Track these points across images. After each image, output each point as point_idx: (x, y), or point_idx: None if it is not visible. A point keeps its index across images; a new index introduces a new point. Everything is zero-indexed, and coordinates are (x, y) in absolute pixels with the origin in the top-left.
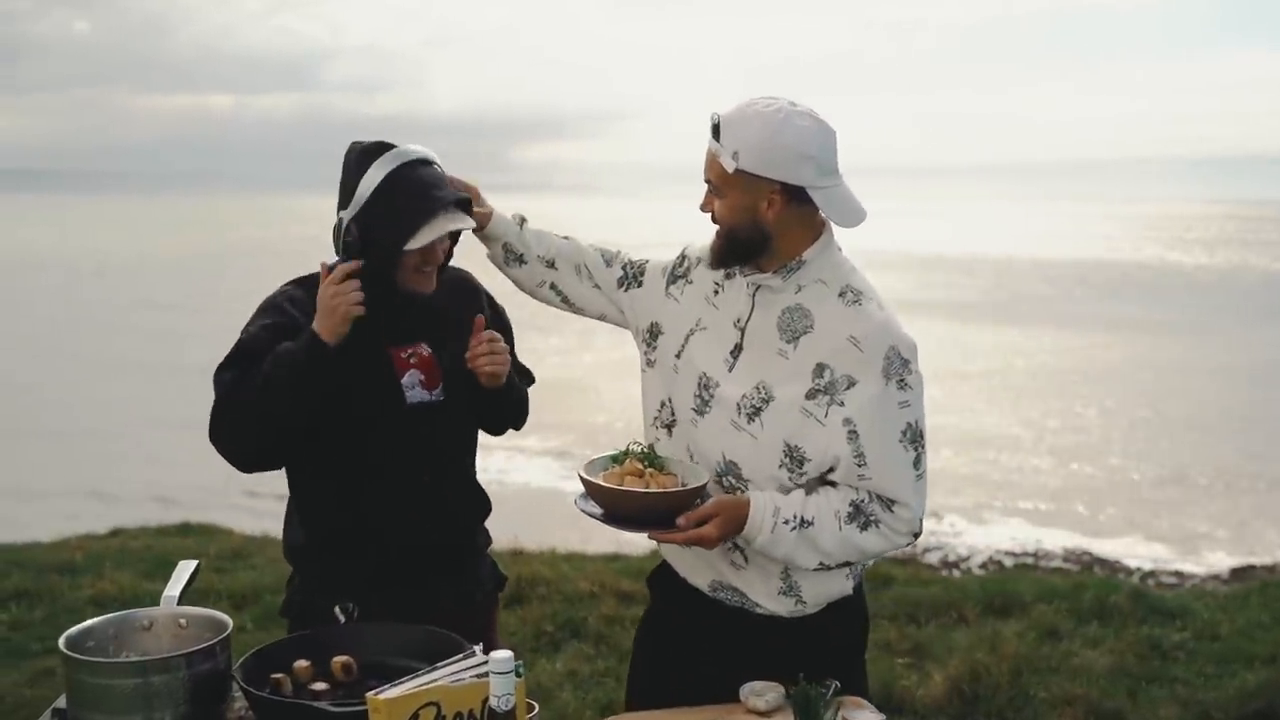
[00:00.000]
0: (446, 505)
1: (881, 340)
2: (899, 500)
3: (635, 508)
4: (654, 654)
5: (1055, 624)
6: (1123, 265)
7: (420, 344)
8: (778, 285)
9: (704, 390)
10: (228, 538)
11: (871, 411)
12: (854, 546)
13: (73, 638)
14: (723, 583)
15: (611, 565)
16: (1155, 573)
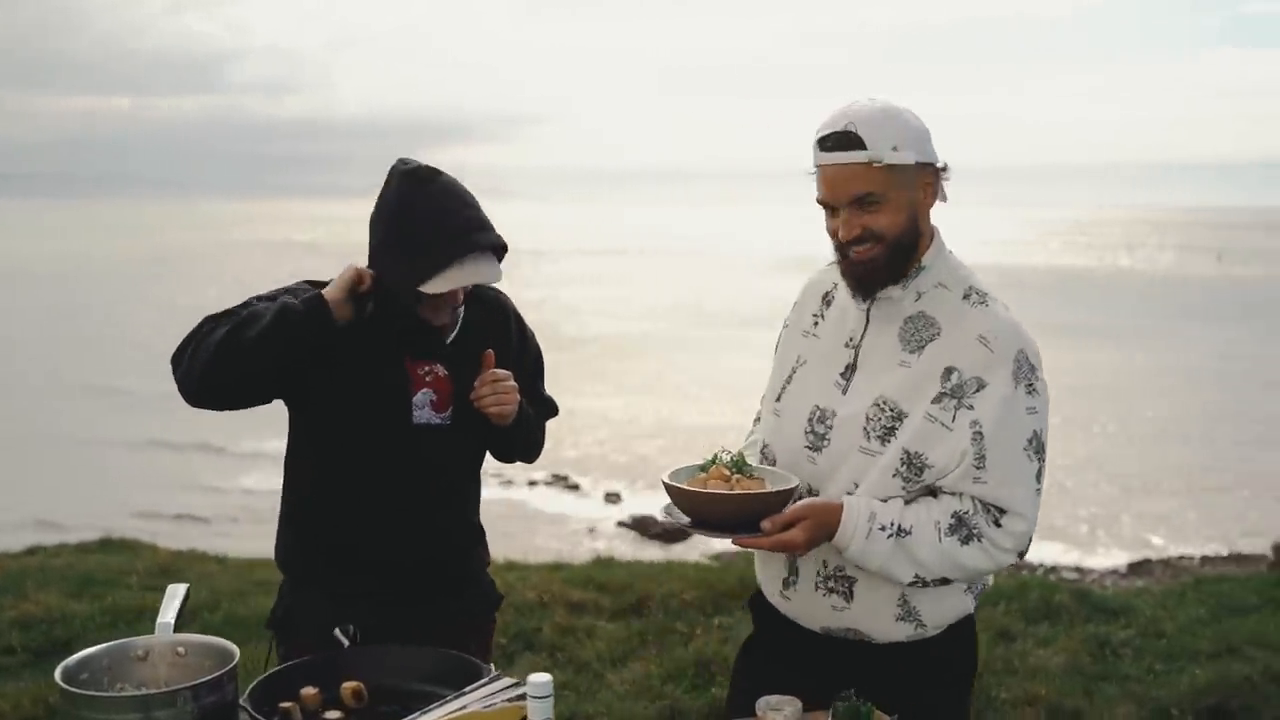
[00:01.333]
0: (441, 529)
1: (1012, 341)
2: (1013, 510)
3: (719, 511)
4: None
5: (1006, 625)
6: (1043, 269)
7: (438, 363)
8: (898, 295)
9: (818, 424)
10: (153, 554)
11: (1000, 414)
12: (952, 561)
13: (69, 670)
14: (835, 628)
15: (556, 574)
16: (1058, 568)
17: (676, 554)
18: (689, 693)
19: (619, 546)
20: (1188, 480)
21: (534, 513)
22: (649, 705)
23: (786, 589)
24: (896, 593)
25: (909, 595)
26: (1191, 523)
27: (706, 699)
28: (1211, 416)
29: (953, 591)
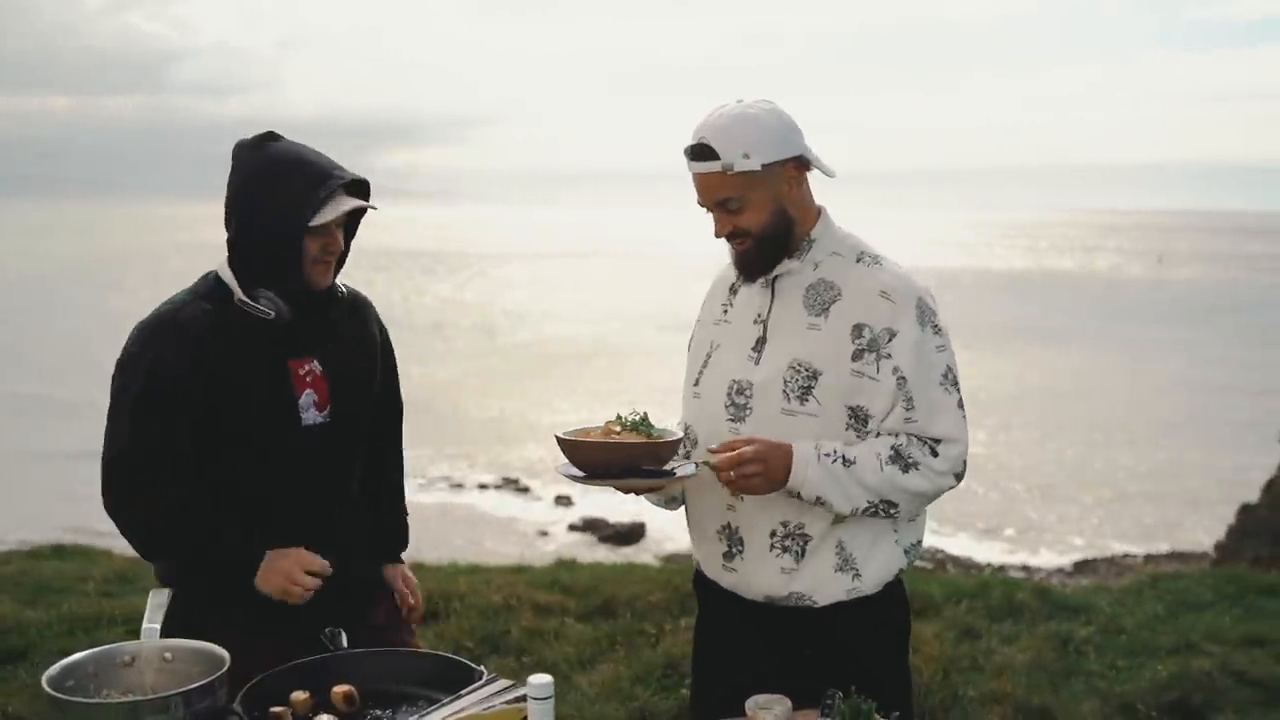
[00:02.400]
0: (340, 528)
1: (910, 291)
2: (946, 438)
3: (602, 458)
4: (711, 662)
5: (970, 623)
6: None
7: (313, 359)
8: (796, 267)
9: (737, 396)
10: (108, 560)
11: (914, 356)
12: (898, 487)
13: (53, 677)
14: (777, 594)
15: (520, 576)
16: (1005, 567)
17: (628, 555)
18: (658, 694)
19: (572, 549)
20: (1122, 480)
21: (484, 516)
22: (619, 707)
23: (730, 560)
24: (834, 542)
25: (844, 542)
26: (1128, 522)
27: (676, 699)
28: (1146, 418)
29: (885, 541)
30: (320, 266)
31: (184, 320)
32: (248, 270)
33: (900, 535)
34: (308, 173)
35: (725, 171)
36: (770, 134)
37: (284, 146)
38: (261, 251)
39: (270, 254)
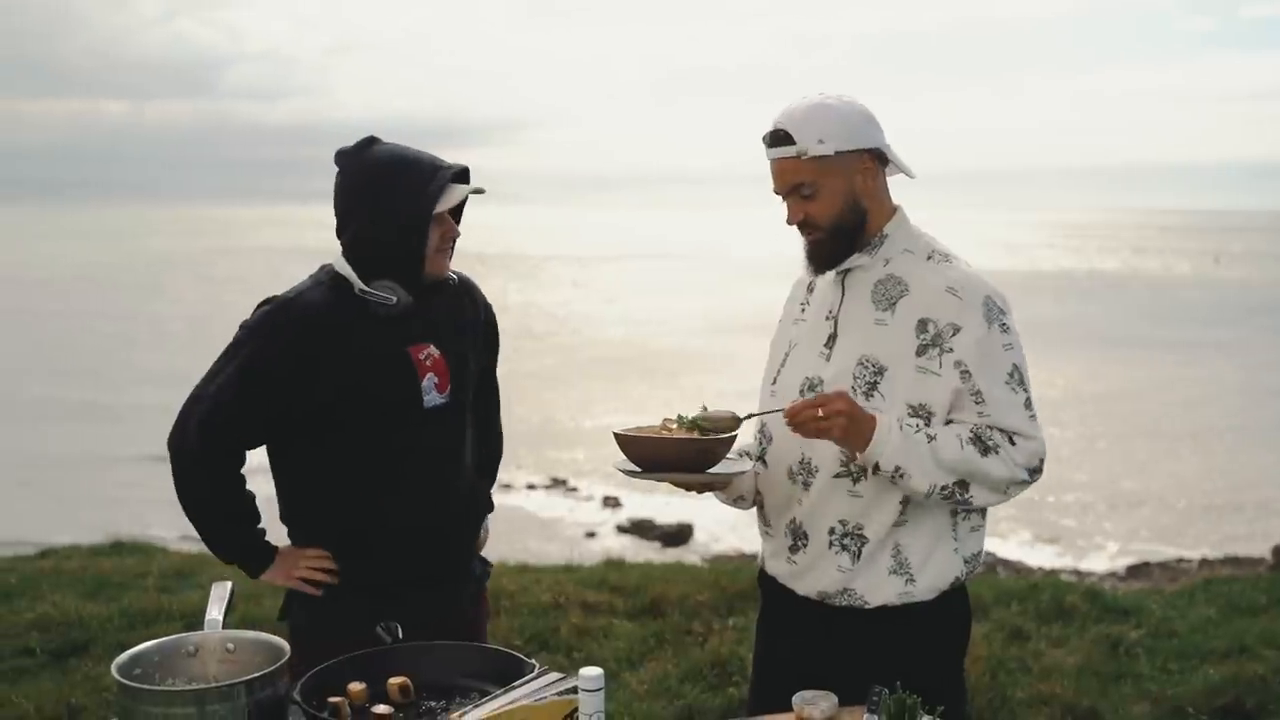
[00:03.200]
0: (459, 505)
1: (978, 289)
2: (1020, 433)
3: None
4: (769, 657)
5: (1020, 625)
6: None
7: (430, 344)
8: (866, 263)
9: (808, 392)
10: (165, 556)
11: (979, 352)
12: (976, 466)
13: (122, 665)
14: (830, 591)
15: (569, 575)
16: (1057, 570)
17: (674, 556)
18: (706, 693)
19: (620, 550)
20: (1180, 486)
21: (531, 516)
22: (667, 705)
23: (793, 554)
24: (892, 544)
25: (902, 545)
26: (1185, 528)
27: (723, 698)
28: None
29: (944, 548)
30: (440, 255)
31: (305, 307)
32: (369, 263)
33: (960, 544)
34: (421, 166)
35: (799, 156)
36: (846, 123)
37: (390, 147)
38: (388, 243)
39: (397, 245)
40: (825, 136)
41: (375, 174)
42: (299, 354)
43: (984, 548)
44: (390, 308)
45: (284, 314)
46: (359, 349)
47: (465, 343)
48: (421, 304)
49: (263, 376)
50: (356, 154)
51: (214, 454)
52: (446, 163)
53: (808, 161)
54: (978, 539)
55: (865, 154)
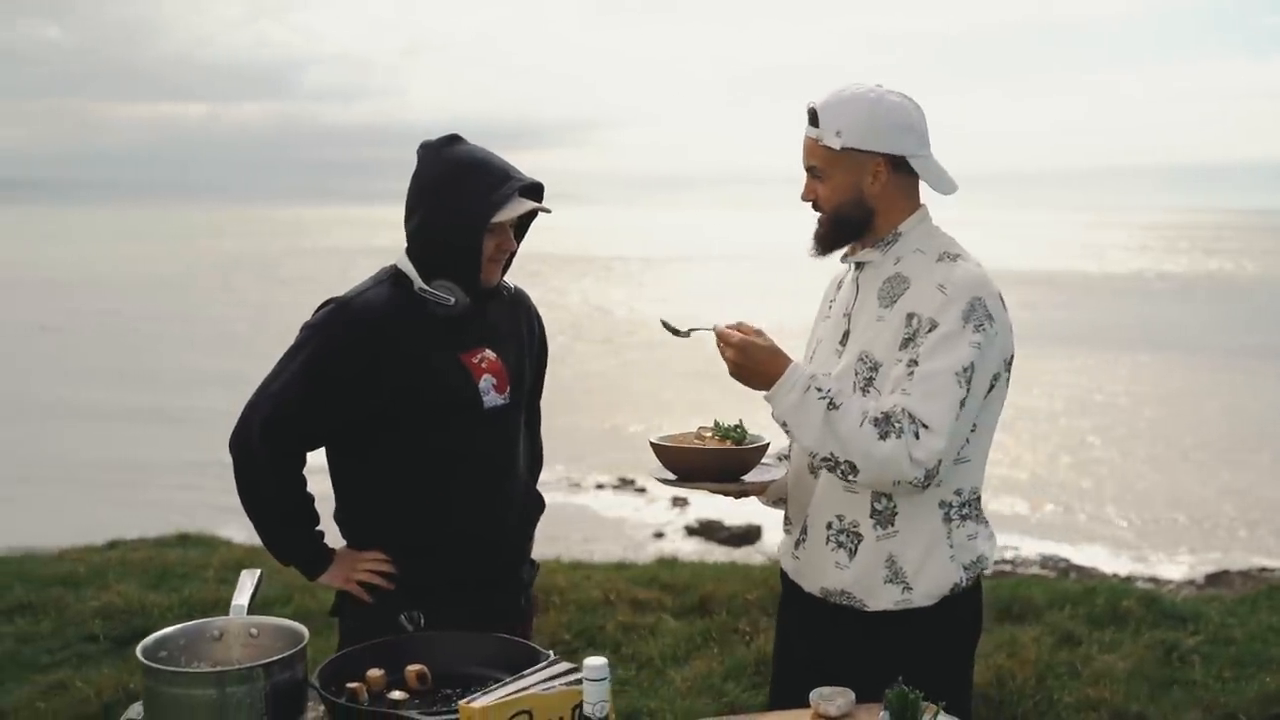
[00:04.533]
0: (515, 508)
1: (968, 288)
2: (931, 426)
3: (691, 463)
4: (785, 653)
5: (1071, 629)
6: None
7: (486, 348)
8: (877, 259)
9: None
10: (228, 549)
11: (941, 341)
12: (863, 448)
13: (147, 648)
14: (832, 589)
15: (621, 573)
16: (1132, 577)
17: (742, 557)
18: (748, 691)
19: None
20: (1257, 493)
21: (598, 516)
22: (709, 702)
23: (798, 549)
24: (885, 553)
25: (895, 555)
26: (1266, 535)
27: (765, 697)
28: None
29: (939, 557)
30: (492, 264)
31: (365, 307)
32: (428, 262)
33: (957, 552)
34: (489, 174)
35: (817, 140)
36: (870, 123)
37: (467, 148)
38: (443, 245)
39: (451, 247)
40: (843, 130)
41: (446, 171)
42: (360, 354)
43: (987, 554)
44: (449, 309)
45: (344, 314)
46: (417, 350)
47: (520, 350)
48: (478, 309)
49: (325, 376)
50: (436, 149)
51: (276, 455)
52: (522, 175)
53: (822, 147)
54: (977, 545)
55: (880, 158)
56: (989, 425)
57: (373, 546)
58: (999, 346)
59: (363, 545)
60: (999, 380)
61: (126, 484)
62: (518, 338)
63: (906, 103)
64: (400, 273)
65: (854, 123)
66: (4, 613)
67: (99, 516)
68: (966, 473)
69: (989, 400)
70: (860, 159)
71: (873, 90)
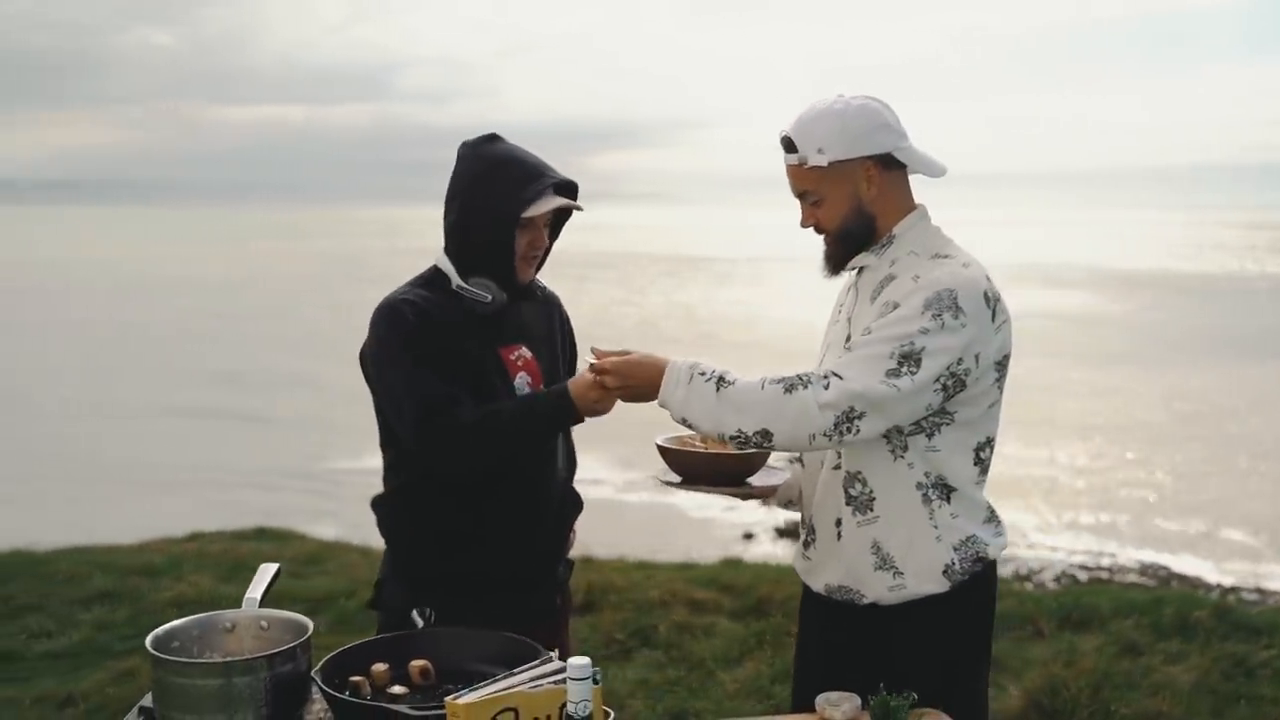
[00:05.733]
0: (553, 506)
1: (938, 280)
2: (846, 377)
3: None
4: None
5: (1135, 639)
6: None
7: (520, 346)
8: (874, 263)
9: None
10: (302, 543)
11: (888, 320)
12: (768, 407)
13: (159, 638)
14: (832, 584)
15: (683, 574)
16: (1236, 589)
17: None
18: None
19: (779, 552)
20: None
21: (686, 517)
22: (756, 704)
23: (807, 549)
24: (869, 540)
25: (880, 541)
26: None
27: None
28: None
29: (924, 538)
30: (525, 262)
31: (408, 304)
32: (464, 258)
33: (943, 532)
34: (522, 170)
35: (801, 165)
36: (848, 131)
37: (504, 146)
38: (477, 241)
39: (484, 243)
40: (824, 146)
41: (481, 168)
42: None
43: (978, 534)
44: (485, 306)
45: (392, 311)
46: (455, 346)
47: (552, 349)
48: (513, 306)
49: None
50: (474, 146)
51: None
52: (555, 173)
53: (809, 170)
54: (963, 524)
55: (868, 161)
56: (970, 420)
57: (409, 537)
58: (963, 339)
59: (399, 534)
60: (971, 376)
61: (211, 483)
62: (550, 338)
63: (872, 103)
64: (439, 271)
65: (832, 136)
66: (84, 601)
67: (181, 512)
68: (938, 461)
69: (967, 396)
70: (850, 168)
71: (837, 101)
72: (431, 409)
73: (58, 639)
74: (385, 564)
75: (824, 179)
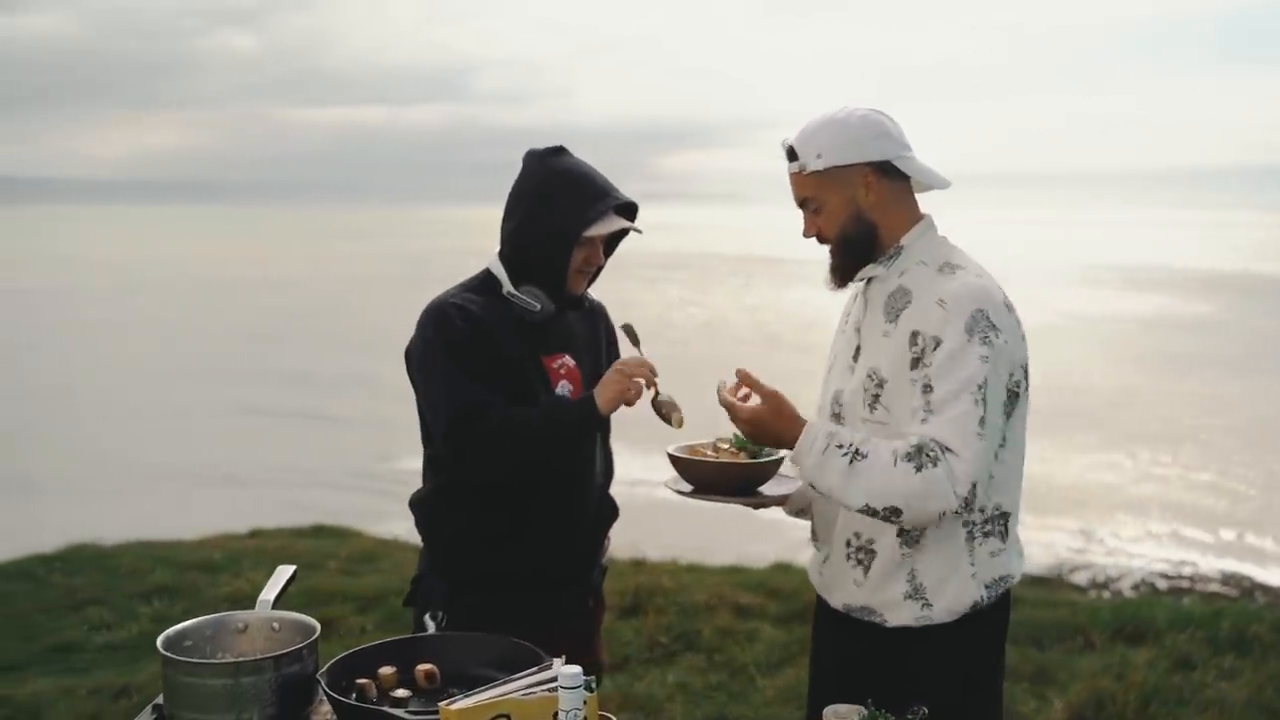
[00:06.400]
0: (590, 509)
1: (969, 301)
2: (954, 449)
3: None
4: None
5: (1189, 652)
6: None
7: (564, 355)
8: (882, 274)
9: (835, 406)
10: (358, 540)
11: (946, 362)
12: (901, 487)
13: (170, 638)
14: (853, 605)
15: (732, 577)
16: None
17: None
18: None
19: None
20: None
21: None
22: (795, 712)
23: (823, 564)
24: (906, 569)
25: (916, 570)
26: None
27: None
28: None
29: (960, 574)
30: (579, 276)
31: (456, 308)
32: (517, 266)
33: (978, 569)
34: (587, 189)
35: (801, 172)
36: (844, 137)
37: (570, 161)
38: (534, 252)
39: (541, 256)
40: (822, 151)
41: (546, 181)
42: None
43: (1012, 572)
44: (534, 314)
45: (440, 314)
46: (499, 352)
47: (596, 359)
48: (560, 315)
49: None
50: (540, 158)
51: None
52: (619, 193)
53: (808, 177)
54: (1000, 564)
55: (866, 168)
56: (1017, 440)
57: (447, 536)
58: (1008, 355)
59: (436, 532)
60: (1020, 389)
61: (276, 482)
62: (594, 347)
63: (874, 113)
64: (491, 275)
65: (830, 142)
66: (143, 595)
67: (245, 509)
68: (993, 489)
69: (1013, 413)
70: (847, 174)
71: (840, 110)
72: (465, 413)
73: (117, 631)
74: (423, 561)
75: (822, 185)
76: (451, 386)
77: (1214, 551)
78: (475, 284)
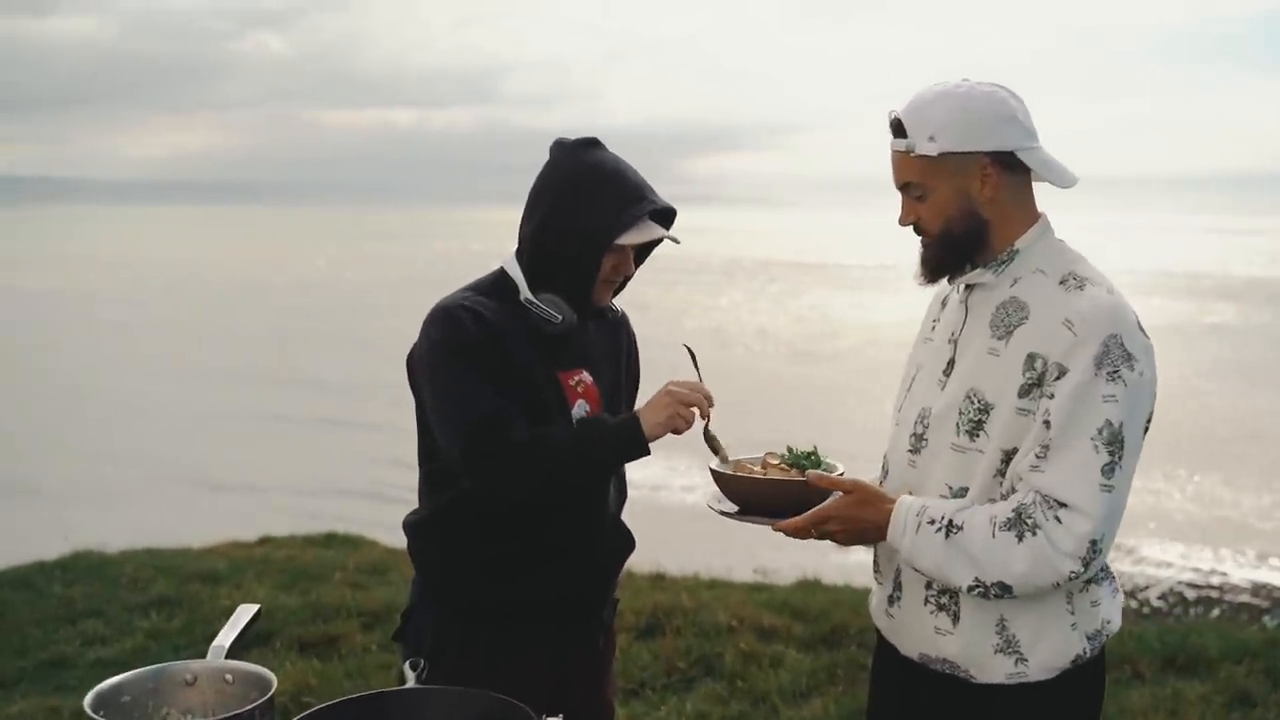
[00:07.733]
0: (605, 538)
1: (1102, 325)
2: (1072, 505)
3: (751, 495)
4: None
5: (1247, 687)
6: None
7: (582, 370)
8: (991, 281)
9: (918, 425)
10: (370, 550)
11: (1069, 401)
12: (1004, 561)
13: (103, 694)
14: (932, 656)
15: (755, 596)
16: None
17: None
18: None
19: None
20: None
21: None
22: None
23: (891, 605)
24: (996, 617)
25: (1008, 620)
26: None
27: None
28: None
29: (1057, 624)
30: (605, 286)
31: (465, 308)
32: (537, 270)
33: (1080, 619)
34: (623, 189)
35: (908, 153)
36: (965, 120)
37: (604, 156)
38: (558, 256)
39: (566, 261)
40: (936, 134)
41: (578, 176)
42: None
43: (1114, 618)
44: (553, 326)
45: (449, 315)
46: (513, 364)
47: (616, 373)
48: (580, 327)
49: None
50: (571, 150)
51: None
52: (656, 196)
53: (916, 160)
54: (1102, 612)
55: (985, 157)
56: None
57: (452, 562)
58: (1147, 390)
59: (431, 561)
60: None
61: (289, 489)
62: (615, 361)
63: (1000, 91)
64: (506, 277)
65: (948, 122)
66: (141, 607)
67: (255, 516)
68: None
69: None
70: (963, 162)
71: (960, 85)
72: (484, 424)
73: (111, 645)
74: (414, 591)
75: (932, 171)
76: (466, 395)
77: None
78: (487, 286)
